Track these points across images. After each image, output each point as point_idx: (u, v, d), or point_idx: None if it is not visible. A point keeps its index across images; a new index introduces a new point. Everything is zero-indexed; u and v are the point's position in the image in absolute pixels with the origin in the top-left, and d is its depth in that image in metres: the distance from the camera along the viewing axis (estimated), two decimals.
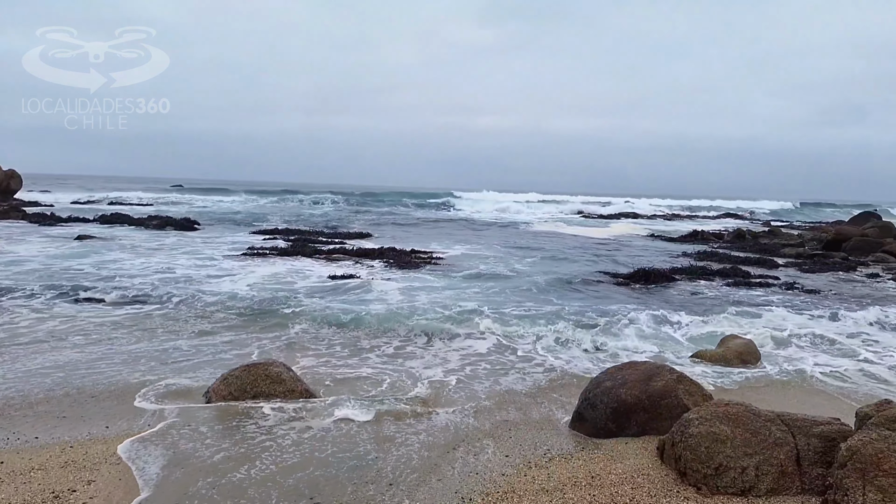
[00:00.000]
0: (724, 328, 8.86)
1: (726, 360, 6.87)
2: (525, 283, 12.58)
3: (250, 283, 11.53)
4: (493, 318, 9.06)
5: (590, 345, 7.71)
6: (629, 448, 4.37)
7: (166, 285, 10.89)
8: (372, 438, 4.60)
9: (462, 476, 4.00)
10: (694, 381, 4.60)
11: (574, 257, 18.01)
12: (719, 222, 40.65)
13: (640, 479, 3.81)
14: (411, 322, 8.72)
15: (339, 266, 14.20)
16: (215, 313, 8.94)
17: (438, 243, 21.01)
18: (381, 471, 4.06)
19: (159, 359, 6.66)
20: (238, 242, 18.85)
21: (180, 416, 4.92)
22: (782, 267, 16.56)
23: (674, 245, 23.24)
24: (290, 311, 9.21)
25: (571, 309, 9.99)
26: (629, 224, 36.24)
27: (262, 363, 5.67)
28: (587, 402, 4.85)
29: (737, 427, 3.54)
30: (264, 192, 53.76)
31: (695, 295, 11.87)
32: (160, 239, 19.25)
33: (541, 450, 4.47)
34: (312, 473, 3.99)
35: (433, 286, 11.98)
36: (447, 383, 6.12)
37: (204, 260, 14.74)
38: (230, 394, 5.35)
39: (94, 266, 12.97)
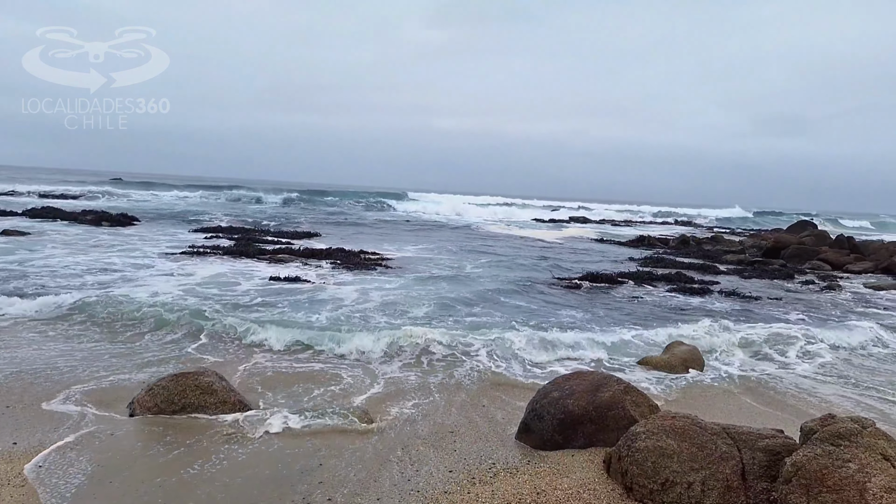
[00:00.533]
0: (669, 333, 8.95)
1: (671, 367, 6.90)
2: (474, 288, 12.46)
3: (187, 285, 10.98)
4: (440, 325, 8.89)
5: (536, 352, 7.62)
6: (575, 461, 4.26)
7: (94, 287, 10.25)
8: (308, 454, 4.34)
9: (403, 495, 3.80)
10: (641, 392, 4.54)
11: (524, 260, 18.06)
12: (667, 228, 41.79)
13: (587, 495, 3.69)
14: (355, 329, 8.45)
15: (286, 267, 13.76)
16: (146, 318, 8.42)
17: (389, 244, 20.72)
18: (316, 489, 3.82)
19: (80, 367, 6.18)
20: (178, 241, 18.09)
21: (99, 433, 4.54)
22: (724, 273, 17.02)
23: (622, 249, 23.66)
24: (229, 316, 8.79)
25: (520, 314, 9.92)
26: (580, 228, 36.85)
27: (192, 372, 5.31)
28: (534, 412, 4.72)
29: (683, 441, 3.46)
30: (209, 188, 51.93)
31: (640, 300, 12.02)
32: (94, 235, 18.27)
33: (486, 463, 4.31)
34: (242, 493, 3.71)
35: (382, 290, 11.71)
36: (390, 394, 5.90)
37: (139, 258, 14.01)
38: (156, 405, 4.99)
39: (17, 264, 12.15)
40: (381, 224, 31.39)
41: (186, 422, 4.82)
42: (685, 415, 3.72)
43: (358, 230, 26.11)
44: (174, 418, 4.86)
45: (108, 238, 17.96)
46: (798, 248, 20.77)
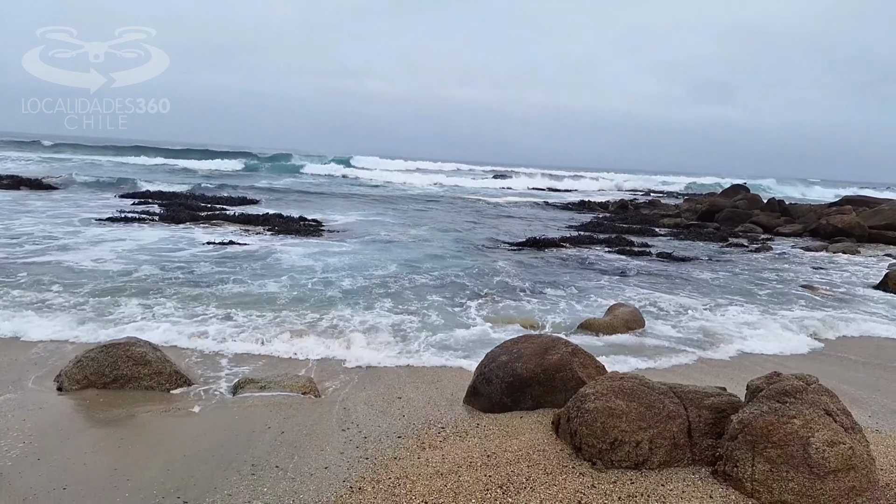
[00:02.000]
0: (609, 295, 9.14)
1: (613, 328, 7.03)
2: (418, 253, 12.36)
3: (121, 252, 10.42)
4: (386, 291, 8.78)
5: (482, 316, 7.62)
6: (524, 423, 4.25)
7: (22, 256, 9.59)
8: (253, 425, 4.16)
9: (351, 462, 3.69)
10: (588, 354, 4.56)
11: (467, 225, 18.06)
12: (606, 193, 42.69)
13: (536, 456, 3.69)
14: (301, 295, 8.23)
15: (223, 233, 13.25)
16: (77, 286, 7.91)
17: (330, 210, 20.30)
18: (262, 459, 3.66)
19: (11, 340, 5.74)
20: (108, 206, 17.16)
21: (24, 407, 4.20)
22: (661, 236, 17.56)
23: (563, 213, 24.03)
24: (167, 283, 8.38)
25: (464, 278, 9.90)
26: (520, 193, 37.12)
27: (123, 343, 5.00)
28: (482, 376, 4.68)
29: (632, 401, 3.48)
30: (123, 150, 49.03)
31: (582, 263, 12.22)
32: (19, 201, 17.14)
33: (434, 428, 4.25)
34: (184, 467, 3.51)
35: (320, 257, 11.46)
36: (337, 360, 5.75)
37: (67, 225, 13.23)
38: (86, 378, 4.68)
39: None
40: (318, 190, 30.69)
41: (120, 395, 4.55)
42: (633, 375, 3.75)
43: (293, 196, 25.40)
44: (106, 391, 4.57)
45: (34, 204, 16.88)
46: (732, 211, 21.58)
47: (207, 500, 3.19)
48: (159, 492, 3.23)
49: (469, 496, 3.24)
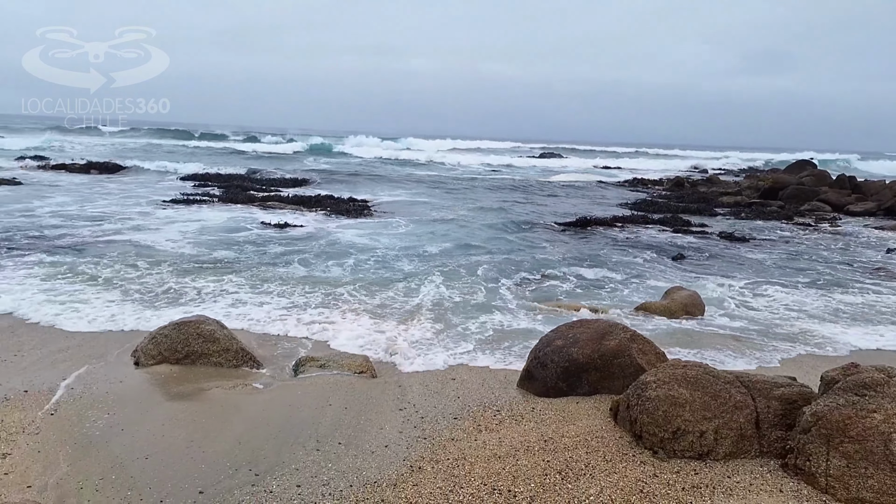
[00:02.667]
0: (665, 278, 8.95)
1: (671, 312, 6.89)
2: (467, 233, 12.37)
3: (189, 232, 10.91)
4: (435, 274, 8.84)
5: (532, 299, 7.59)
6: (581, 408, 4.25)
7: (102, 235, 10.19)
8: (315, 402, 4.30)
9: (410, 441, 3.78)
10: (647, 340, 4.50)
11: (515, 205, 17.92)
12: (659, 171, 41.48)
13: (595, 443, 3.68)
14: (359, 275, 8.39)
15: (280, 215, 13.61)
16: (154, 265, 8.32)
17: (378, 190, 20.51)
18: (326, 436, 3.79)
19: (94, 316, 6.09)
20: (171, 188, 17.89)
21: (108, 381, 4.47)
22: (720, 215, 17.00)
23: (614, 192, 23.53)
24: (233, 263, 8.71)
25: (513, 259, 9.87)
26: (569, 171, 36.43)
27: (194, 321, 5.23)
28: (537, 360, 4.69)
29: (696, 390, 3.43)
30: (178, 133, 50.66)
31: (635, 243, 11.97)
32: (93, 184, 18.13)
33: (490, 410, 4.29)
34: (254, 440, 3.68)
35: (374, 237, 11.63)
36: (394, 342, 5.85)
37: (137, 206, 13.95)
38: (160, 353, 4.93)
39: (15, 214, 12.05)
40: (366, 171, 30.96)
41: (191, 370, 4.77)
42: (697, 363, 3.68)
43: (341, 177, 25.70)
44: (179, 367, 4.80)
45: (109, 186, 17.83)
46: (797, 188, 20.59)
47: (276, 473, 3.33)
48: (232, 464, 3.39)
49: (528, 480, 3.27)
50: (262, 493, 3.12)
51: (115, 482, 3.16)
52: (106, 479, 3.18)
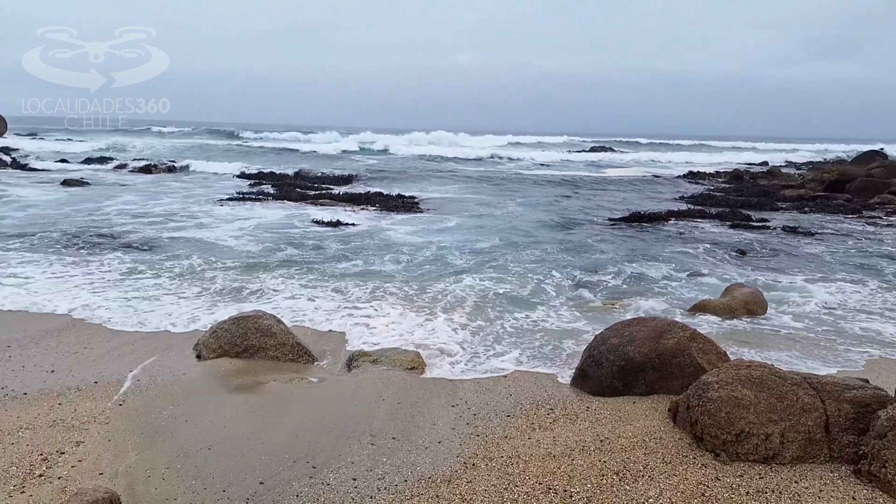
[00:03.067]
0: (724, 275, 8.64)
1: (731, 311, 6.64)
2: (516, 229, 12.28)
3: (248, 229, 11.31)
4: (486, 270, 8.82)
5: (585, 297, 7.46)
6: (638, 408, 4.15)
7: (168, 233, 10.70)
8: (367, 396, 4.35)
9: (463, 438, 3.78)
10: (708, 339, 4.35)
11: (565, 200, 17.67)
12: (716, 164, 40.14)
13: (653, 444, 3.59)
14: (412, 271, 8.46)
15: (333, 212, 13.87)
16: (218, 261, 8.65)
17: (426, 187, 20.60)
18: (378, 430, 3.83)
19: (159, 311, 6.37)
20: (228, 187, 18.51)
21: (172, 373, 4.65)
22: (782, 209, 16.31)
23: (669, 186, 22.90)
24: (291, 259, 8.96)
25: (564, 256, 9.73)
26: (620, 164, 35.65)
27: (252, 315, 5.38)
28: (591, 359, 4.61)
29: (760, 391, 3.29)
30: (228, 135, 52.37)
31: (692, 239, 11.62)
32: (155, 183, 18.96)
33: (543, 409, 4.24)
34: (309, 433, 3.75)
35: (425, 234, 11.69)
36: (444, 339, 5.86)
37: (196, 204, 14.53)
38: (220, 347, 5.09)
39: (86, 213, 12.68)
40: (410, 167, 31.12)
41: (249, 364, 4.90)
42: (761, 363, 3.54)
43: (389, 174, 25.92)
44: (238, 360, 4.95)
45: (173, 185, 18.64)
46: (866, 180, 19.44)
47: (333, 466, 3.39)
48: (290, 456, 3.47)
49: (584, 480, 3.22)
50: (320, 486, 3.18)
51: (181, 471, 3.28)
52: (172, 469, 3.30)
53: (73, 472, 3.23)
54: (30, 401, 4.14)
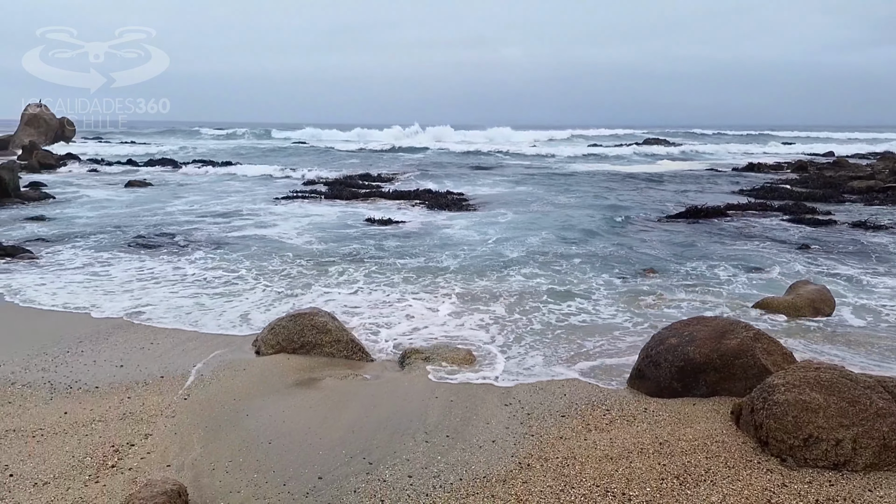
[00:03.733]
0: (788, 272, 8.30)
1: (797, 309, 6.36)
2: (566, 227, 12.11)
3: (306, 226, 11.73)
4: (537, 267, 8.75)
5: (640, 295, 7.30)
6: (698, 410, 4.04)
7: (231, 231, 11.20)
8: (422, 395, 4.38)
9: (517, 438, 3.76)
10: (773, 339, 4.19)
11: (617, 195, 17.31)
12: (776, 155, 38.54)
13: (715, 448, 3.49)
14: (467, 267, 8.48)
15: (386, 210, 14.10)
16: (278, 258, 8.95)
17: (475, 182, 20.57)
18: (432, 428, 3.86)
19: (221, 307, 6.61)
20: (283, 185, 19.08)
21: (234, 368, 4.81)
22: (850, 202, 15.52)
23: (727, 178, 22.12)
24: (349, 256, 9.15)
25: (617, 252, 9.54)
26: (672, 157, 34.59)
27: (308, 313, 5.50)
28: (649, 359, 4.50)
29: (830, 395, 3.15)
30: (284, 134, 54.04)
31: (753, 234, 11.19)
32: (216, 183, 19.76)
33: (599, 410, 4.18)
34: (364, 429, 3.81)
35: (476, 230, 11.68)
36: (496, 337, 5.85)
37: (253, 203, 15.06)
38: (278, 343, 5.23)
39: (151, 213, 13.33)
40: (459, 163, 31.09)
41: (306, 360, 5.02)
42: (831, 365, 3.38)
43: (439, 171, 25.99)
44: (295, 356, 5.07)
45: (232, 184, 19.39)
46: None
47: (388, 462, 3.43)
48: (347, 452, 3.53)
49: (643, 484, 3.16)
50: (376, 482, 3.23)
51: (243, 465, 3.39)
52: (234, 462, 3.42)
53: (142, 463, 3.39)
54: (101, 394, 4.35)
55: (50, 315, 6.25)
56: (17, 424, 3.84)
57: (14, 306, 6.54)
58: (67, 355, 5.09)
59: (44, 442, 3.62)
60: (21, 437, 3.67)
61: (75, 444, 3.59)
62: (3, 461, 3.39)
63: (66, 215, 12.83)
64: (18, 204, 14.04)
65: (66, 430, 3.77)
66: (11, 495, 3.07)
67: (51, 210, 13.50)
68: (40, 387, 4.45)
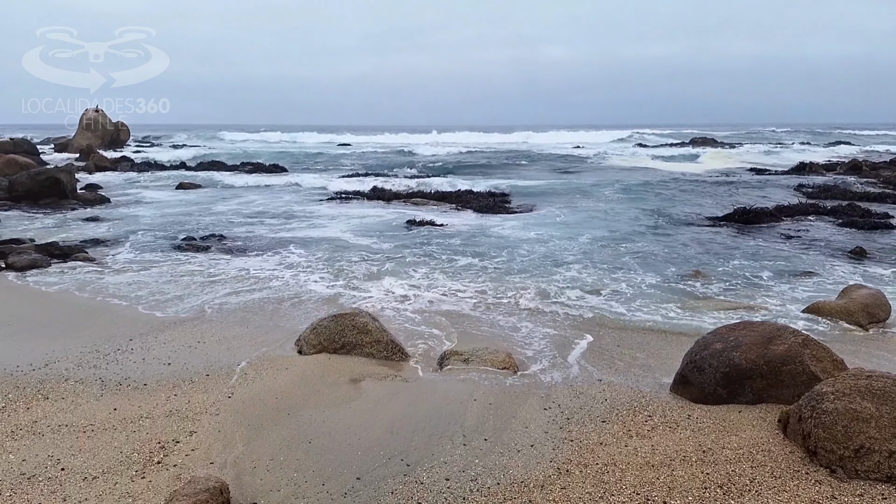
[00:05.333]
0: (842, 278, 7.97)
1: (849, 314, 6.12)
2: (613, 228, 11.94)
3: (354, 227, 12.05)
4: (582, 272, 8.65)
5: (683, 298, 7.13)
6: (743, 417, 3.92)
7: (279, 231, 11.60)
8: (460, 398, 4.39)
9: (556, 443, 3.73)
10: (823, 346, 4.04)
11: (663, 197, 16.96)
12: (830, 151, 37.07)
13: (761, 457, 3.38)
14: (509, 276, 8.45)
15: (427, 210, 14.31)
16: (329, 258, 9.19)
17: (517, 182, 20.45)
18: (470, 430, 3.86)
19: (269, 309, 6.78)
20: (328, 186, 19.53)
21: (276, 368, 4.91)
22: None
23: (779, 179, 21.40)
24: (396, 255, 9.30)
25: (665, 254, 9.35)
26: (720, 157, 33.58)
27: (349, 313, 5.58)
28: (693, 364, 4.40)
29: (883, 404, 3.02)
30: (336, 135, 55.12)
31: (804, 237, 10.80)
32: (264, 185, 20.43)
33: (640, 415, 4.10)
34: (403, 430, 3.85)
35: (517, 229, 11.63)
36: (535, 339, 5.81)
37: (299, 205, 15.56)
38: (320, 343, 5.31)
39: (200, 214, 13.80)
40: (505, 163, 30.96)
41: (346, 360, 5.08)
42: (884, 374, 3.24)
43: (479, 170, 25.95)
44: (336, 356, 5.15)
45: (277, 186, 20.02)
46: None
47: (426, 465, 3.44)
48: (385, 453, 3.57)
49: (685, 493, 3.09)
50: (414, 484, 3.25)
51: (284, 463, 3.46)
52: (275, 461, 3.49)
53: (186, 460, 3.49)
54: (149, 391, 4.49)
55: (102, 312, 6.50)
56: (69, 420, 4.00)
57: (67, 304, 6.83)
58: (118, 353, 5.29)
59: (94, 437, 3.76)
60: (73, 432, 3.82)
61: (123, 440, 3.72)
62: (56, 455, 3.54)
63: (121, 215, 13.35)
64: (76, 205, 14.65)
65: (115, 426, 3.90)
66: (63, 489, 3.20)
67: (107, 211, 14.06)
68: (92, 383, 4.62)
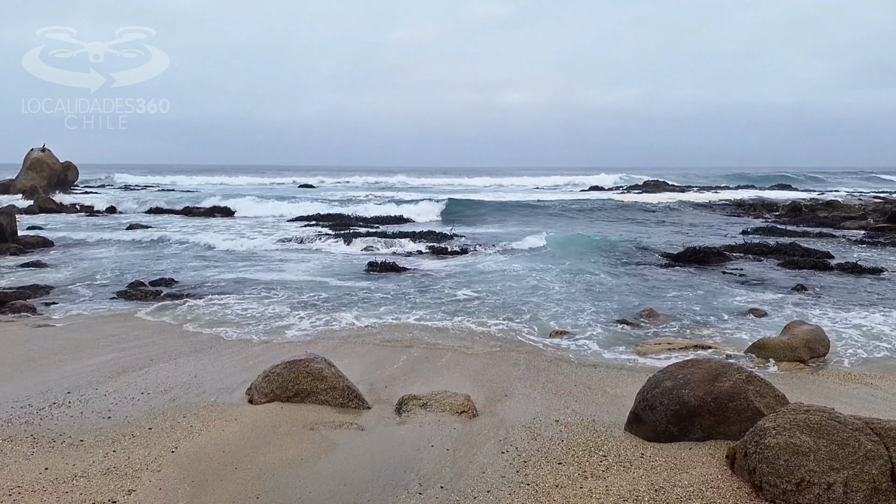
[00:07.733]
0: (784, 315, 8.31)
1: (792, 350, 6.37)
2: (564, 268, 12.17)
3: (318, 267, 12.20)
4: (536, 306, 8.75)
5: (637, 337, 7.31)
6: (694, 455, 4.01)
7: (252, 274, 11.43)
8: (416, 444, 4.35)
9: (513, 487, 3.72)
10: (765, 381, 4.19)
11: (619, 235, 17.44)
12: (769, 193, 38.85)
13: (710, 493, 3.45)
14: (464, 315, 8.48)
15: (390, 248, 14.54)
16: (291, 300, 9.08)
17: (478, 225, 20.71)
18: (427, 478, 3.82)
19: (219, 353, 6.59)
20: (288, 227, 19.37)
21: (224, 419, 4.76)
22: (843, 242, 15.64)
23: (724, 219, 22.31)
24: (356, 299, 9.19)
25: (617, 300, 9.57)
26: (673, 198, 34.82)
27: (304, 359, 5.47)
28: (645, 402, 4.49)
29: (820, 438, 3.15)
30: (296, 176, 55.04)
31: (748, 275, 11.25)
32: (221, 224, 19.87)
33: (596, 455, 4.14)
34: (356, 482, 3.77)
35: (493, 268, 11.72)
36: (496, 383, 5.83)
37: (269, 244, 15.67)
38: (272, 392, 5.18)
39: (148, 258, 13.32)
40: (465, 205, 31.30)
41: (300, 409, 4.96)
42: (820, 408, 3.38)
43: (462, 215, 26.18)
44: (289, 405, 5.02)
45: (235, 225, 19.52)
46: None
47: None
48: None
49: None
50: None
51: None
52: None
53: None
54: (86, 447, 4.20)
55: (39, 365, 6.19)
56: None
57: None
58: (53, 407, 5.02)
59: (20, 500, 3.52)
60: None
61: (53, 502, 3.49)
62: None
63: (64, 260, 12.87)
64: (16, 250, 14.01)
65: (44, 488, 3.65)
66: None
67: (48, 256, 13.53)
68: (22, 441, 4.31)
